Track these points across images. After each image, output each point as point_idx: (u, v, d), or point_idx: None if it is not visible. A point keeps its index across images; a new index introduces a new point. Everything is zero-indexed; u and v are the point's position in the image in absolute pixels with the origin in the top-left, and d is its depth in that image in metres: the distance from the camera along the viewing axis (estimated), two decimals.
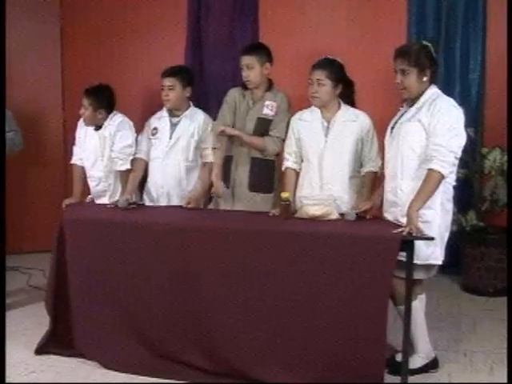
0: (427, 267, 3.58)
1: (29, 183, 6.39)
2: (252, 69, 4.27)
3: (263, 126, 4.32)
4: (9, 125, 4.85)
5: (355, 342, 3.34)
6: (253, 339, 3.52)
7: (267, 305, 3.49)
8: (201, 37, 5.90)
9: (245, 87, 4.40)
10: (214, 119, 4.48)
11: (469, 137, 3.63)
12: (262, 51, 4.33)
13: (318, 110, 4.09)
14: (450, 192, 3.61)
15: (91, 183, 4.75)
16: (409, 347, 3.48)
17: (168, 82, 4.47)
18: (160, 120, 4.60)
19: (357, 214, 3.75)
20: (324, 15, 5.47)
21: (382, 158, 3.90)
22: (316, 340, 3.41)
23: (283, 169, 4.24)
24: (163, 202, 4.53)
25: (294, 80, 5.11)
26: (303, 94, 4.15)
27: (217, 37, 5.82)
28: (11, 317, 4.70)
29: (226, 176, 4.41)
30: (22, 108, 6.26)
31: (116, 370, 3.78)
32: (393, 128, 3.73)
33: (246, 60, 4.28)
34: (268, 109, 4.32)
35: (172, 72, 4.51)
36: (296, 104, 4.39)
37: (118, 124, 4.59)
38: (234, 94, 4.44)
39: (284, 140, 4.27)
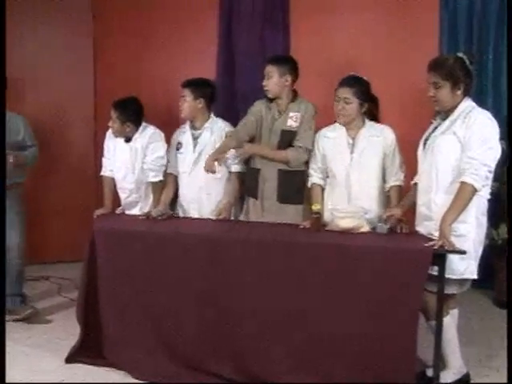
0: (461, 282, 3.55)
1: (60, 194, 6.43)
2: (271, 78, 4.27)
3: (288, 138, 4.30)
4: (30, 138, 4.87)
5: (386, 354, 3.32)
6: (282, 350, 3.52)
7: (297, 316, 3.49)
8: (232, 50, 5.92)
9: (269, 99, 4.39)
10: None
11: (501, 150, 3.59)
12: (285, 63, 4.32)
13: (343, 127, 4.08)
14: (484, 206, 3.57)
15: (122, 194, 4.78)
16: (440, 362, 3.45)
17: (182, 92, 4.52)
18: (183, 134, 4.62)
19: (385, 221, 3.72)
20: (355, 28, 5.46)
21: (411, 171, 3.88)
22: (346, 352, 3.40)
23: (309, 185, 4.24)
24: (194, 215, 4.53)
25: (323, 91, 5.08)
26: (330, 104, 4.15)
27: (248, 50, 5.84)
28: (42, 326, 4.75)
29: (254, 189, 4.41)
30: (53, 119, 6.36)
31: (144, 380, 3.79)
32: (426, 141, 3.71)
33: (267, 69, 4.29)
34: (292, 120, 4.30)
35: (185, 83, 4.56)
36: (325, 115, 4.37)
37: (150, 136, 4.62)
38: (259, 106, 4.43)
39: (310, 149, 4.26)
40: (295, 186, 4.34)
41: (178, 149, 4.61)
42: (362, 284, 3.37)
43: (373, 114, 4.15)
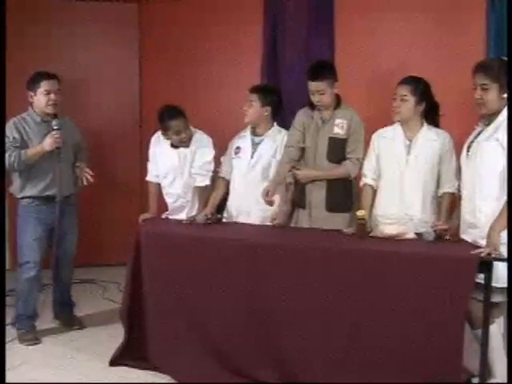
0: (506, 290, 3.48)
1: (106, 198, 6.52)
2: (323, 94, 4.22)
3: (336, 146, 4.26)
4: (83, 140, 4.94)
5: (431, 363, 3.27)
6: (325, 356, 3.51)
7: (340, 322, 3.48)
8: (276, 57, 5.92)
9: (312, 107, 4.37)
10: None
11: None
12: (330, 73, 4.25)
13: (401, 128, 4.05)
14: None
15: (169, 200, 4.81)
16: (486, 371, 3.40)
17: (249, 97, 4.51)
18: (242, 139, 4.60)
19: (435, 231, 3.69)
20: (401, 34, 5.41)
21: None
22: (390, 359, 3.37)
23: (361, 185, 4.21)
24: (243, 220, 4.49)
25: (368, 98, 5.10)
26: (378, 110, 4.13)
27: (292, 56, 5.82)
28: (86, 328, 4.81)
29: (301, 199, 4.39)
30: (100, 126, 6.46)
31: None
32: (469, 147, 3.66)
33: (317, 86, 4.20)
34: (339, 128, 4.25)
35: (254, 88, 4.57)
36: (370, 122, 4.36)
37: (198, 141, 4.66)
38: (300, 117, 4.41)
39: (362, 159, 4.24)
40: (343, 195, 4.31)
41: (236, 153, 4.59)
42: (406, 291, 3.33)
43: (433, 119, 4.09)
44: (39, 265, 4.58)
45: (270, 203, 4.23)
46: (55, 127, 4.45)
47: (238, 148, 4.59)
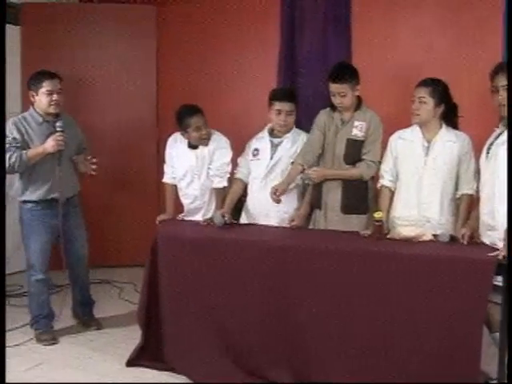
0: None
1: (123, 199, 6.54)
2: (345, 96, 4.22)
3: (354, 147, 4.26)
4: (84, 140, 4.89)
5: (448, 366, 3.26)
6: (345, 359, 3.50)
7: (359, 325, 3.47)
8: (293, 56, 5.90)
9: (333, 108, 4.37)
10: None
11: None
12: (351, 76, 4.25)
13: (419, 130, 4.03)
14: None
15: (185, 201, 4.81)
16: (504, 375, 3.37)
17: (288, 107, 4.44)
18: (260, 141, 4.58)
19: (451, 236, 3.67)
20: (418, 32, 5.39)
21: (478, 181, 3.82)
22: (407, 361, 3.35)
23: (378, 186, 4.20)
24: (261, 222, 4.47)
25: (386, 98, 5.07)
26: (395, 112, 4.11)
27: (309, 56, 5.82)
28: (103, 329, 4.83)
29: (318, 200, 4.39)
30: (118, 126, 6.48)
31: None
32: (489, 149, 3.64)
33: (338, 88, 4.21)
34: (357, 129, 4.25)
35: (291, 97, 4.52)
36: (387, 122, 4.35)
37: (216, 142, 4.66)
38: (322, 117, 4.40)
39: (378, 162, 4.24)
40: (359, 197, 4.30)
41: (254, 155, 4.58)
42: (423, 293, 3.32)
43: (451, 121, 4.08)
44: (46, 267, 4.60)
45: (277, 201, 4.21)
46: (59, 129, 4.42)
47: (256, 150, 4.58)
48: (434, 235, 3.74)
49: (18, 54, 6.33)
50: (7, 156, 4.33)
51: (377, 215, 3.78)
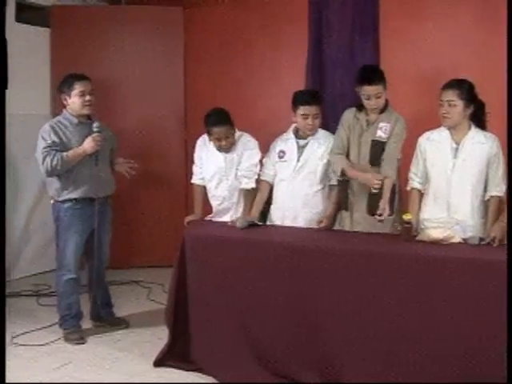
0: None
1: (152, 201, 6.57)
2: (379, 98, 4.20)
3: (378, 149, 4.24)
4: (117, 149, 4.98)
5: (474, 368, 3.22)
6: (371, 361, 3.48)
7: (385, 327, 3.44)
8: (321, 59, 5.89)
9: (359, 109, 4.35)
10: None
11: None
12: (383, 76, 4.24)
13: (447, 131, 3.99)
14: None
15: (214, 202, 4.80)
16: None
17: (316, 110, 4.39)
18: (286, 142, 4.55)
19: (480, 238, 3.63)
20: (447, 35, 5.35)
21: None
22: (434, 363, 3.32)
23: (408, 189, 4.17)
24: (289, 224, 4.44)
25: (415, 100, 5.04)
26: (424, 113, 4.07)
27: (337, 57, 5.80)
28: (131, 329, 4.86)
29: (344, 201, 4.37)
30: (146, 127, 6.52)
31: None
32: None
33: (374, 90, 4.18)
34: (382, 131, 4.23)
35: (318, 100, 4.45)
36: (415, 124, 4.32)
37: (245, 144, 4.65)
38: (347, 116, 4.38)
39: (398, 158, 4.23)
40: None
41: (280, 157, 4.55)
42: (450, 296, 3.29)
43: (479, 120, 4.03)
44: (77, 267, 4.64)
45: (375, 186, 4.10)
46: (96, 129, 4.49)
47: (282, 152, 4.55)
48: (464, 239, 3.70)
49: (47, 57, 6.40)
50: (48, 159, 4.39)
51: (406, 217, 3.75)
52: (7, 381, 3.86)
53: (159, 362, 4.10)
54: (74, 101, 4.54)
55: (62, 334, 4.63)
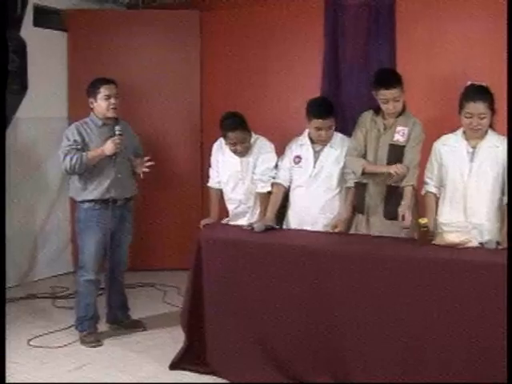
0: None
1: (167, 203, 6.58)
2: (398, 101, 4.18)
3: (396, 153, 4.21)
4: (141, 146, 4.99)
5: (489, 372, 3.20)
6: (385, 365, 3.47)
7: (400, 330, 3.43)
8: (337, 63, 5.89)
9: (377, 112, 4.33)
10: None
11: None
12: (400, 80, 4.22)
13: (463, 135, 3.98)
14: None
15: (230, 206, 4.81)
16: None
17: (328, 123, 4.35)
18: (302, 148, 4.53)
19: (497, 242, 3.61)
20: (463, 38, 5.33)
21: None
22: (449, 368, 3.31)
23: (423, 193, 4.15)
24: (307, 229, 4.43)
25: (430, 103, 5.01)
26: (439, 117, 4.04)
27: (353, 61, 5.80)
28: (147, 332, 4.87)
29: (360, 204, 4.36)
30: (162, 131, 6.54)
31: None
32: None
33: (393, 94, 4.15)
34: (399, 135, 4.20)
35: (328, 112, 4.39)
36: (431, 128, 4.30)
37: (261, 147, 4.65)
38: (364, 118, 4.37)
39: (417, 164, 4.19)
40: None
41: (296, 162, 4.53)
42: (466, 299, 3.27)
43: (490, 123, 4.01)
44: (97, 268, 4.67)
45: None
46: (117, 132, 4.55)
47: (298, 157, 4.53)
48: (481, 243, 3.68)
49: (65, 60, 6.44)
50: (68, 158, 4.46)
51: (422, 221, 3.74)
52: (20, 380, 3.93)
53: (175, 365, 4.11)
54: (100, 104, 4.60)
55: (78, 336, 4.65)
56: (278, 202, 4.54)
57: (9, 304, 5.21)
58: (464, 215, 3.90)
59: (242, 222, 4.64)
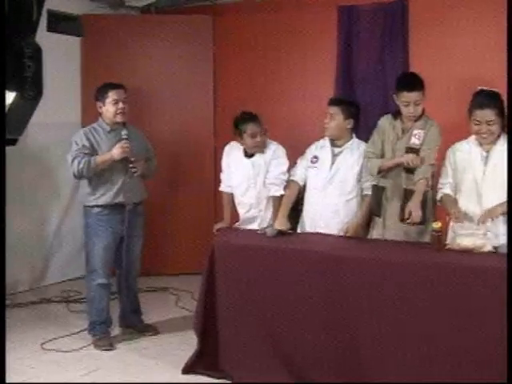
0: None
1: (181, 208, 6.58)
2: (418, 105, 4.17)
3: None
4: (152, 150, 4.97)
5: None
6: (403, 371, 3.44)
7: (416, 335, 3.41)
8: (350, 66, 5.89)
9: (395, 116, 4.32)
10: None
11: None
12: (422, 84, 4.20)
13: (477, 141, 3.95)
14: None
15: (241, 210, 4.80)
16: None
17: (331, 110, 4.43)
18: (321, 149, 4.53)
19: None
20: (477, 44, 5.32)
21: None
22: (466, 374, 3.29)
23: (438, 197, 4.12)
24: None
25: (444, 107, 4.99)
26: (454, 121, 4.02)
27: (366, 68, 5.79)
28: (159, 336, 4.87)
29: (377, 207, 4.33)
30: (175, 135, 6.55)
31: None
32: None
33: (414, 97, 4.14)
34: (415, 138, 4.17)
35: (336, 101, 4.52)
36: (447, 132, 4.27)
37: (273, 151, 4.66)
38: (383, 123, 4.35)
39: (433, 164, 4.17)
40: None
41: (313, 162, 4.53)
42: (482, 305, 3.26)
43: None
44: (108, 273, 4.68)
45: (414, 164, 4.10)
46: (124, 136, 4.55)
47: (315, 157, 4.53)
48: (495, 247, 3.65)
49: (78, 65, 6.46)
50: (76, 162, 4.47)
51: (436, 225, 3.72)
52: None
53: (188, 370, 4.10)
54: (108, 108, 4.61)
55: (91, 340, 4.66)
56: (292, 200, 4.54)
57: (22, 308, 5.24)
58: (477, 220, 3.86)
59: (253, 226, 4.66)
